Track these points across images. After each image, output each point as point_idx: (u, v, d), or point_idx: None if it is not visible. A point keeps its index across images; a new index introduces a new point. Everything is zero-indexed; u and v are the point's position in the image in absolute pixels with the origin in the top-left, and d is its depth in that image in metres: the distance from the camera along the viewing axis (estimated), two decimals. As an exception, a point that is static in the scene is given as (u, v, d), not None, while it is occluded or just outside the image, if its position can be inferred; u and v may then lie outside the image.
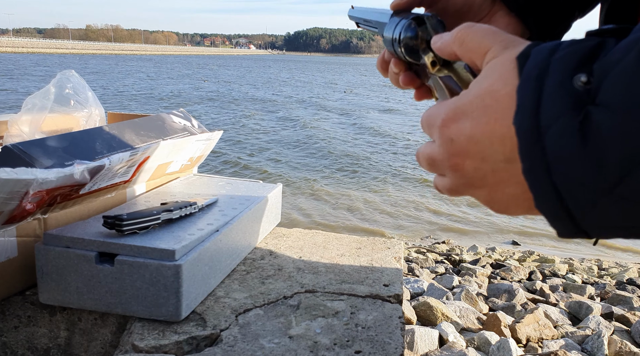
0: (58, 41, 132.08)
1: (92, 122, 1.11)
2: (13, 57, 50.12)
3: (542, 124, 0.27)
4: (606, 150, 0.25)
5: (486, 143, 0.30)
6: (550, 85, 0.27)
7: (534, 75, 0.28)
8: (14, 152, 0.74)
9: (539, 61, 0.28)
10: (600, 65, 0.26)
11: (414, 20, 0.43)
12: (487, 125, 0.30)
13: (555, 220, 0.29)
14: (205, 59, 77.36)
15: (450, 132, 0.32)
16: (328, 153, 9.39)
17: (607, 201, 0.26)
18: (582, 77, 0.26)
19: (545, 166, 0.27)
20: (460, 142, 0.32)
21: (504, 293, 2.27)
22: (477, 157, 0.31)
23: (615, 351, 1.69)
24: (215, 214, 0.92)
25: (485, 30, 0.33)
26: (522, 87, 0.28)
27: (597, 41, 0.27)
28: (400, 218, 5.84)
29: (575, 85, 0.26)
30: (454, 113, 0.32)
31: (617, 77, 0.25)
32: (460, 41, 0.34)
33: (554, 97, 0.27)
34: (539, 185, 0.28)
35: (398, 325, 0.78)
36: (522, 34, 0.51)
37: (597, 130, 0.25)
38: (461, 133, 0.32)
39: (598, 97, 0.25)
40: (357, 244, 1.12)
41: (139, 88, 21.04)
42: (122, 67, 39.26)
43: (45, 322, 0.82)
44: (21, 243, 0.80)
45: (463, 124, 0.31)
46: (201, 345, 0.72)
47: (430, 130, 0.35)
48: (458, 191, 0.35)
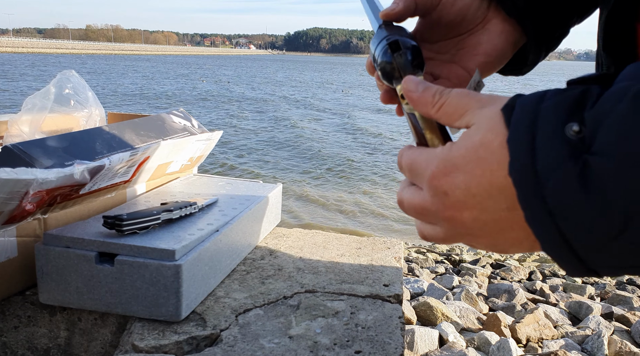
0: (58, 41, 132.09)
1: (92, 122, 1.11)
2: (11, 57, 50.11)
3: (540, 175, 0.27)
4: (609, 197, 0.25)
5: (484, 195, 0.31)
6: (542, 135, 0.28)
7: (523, 126, 0.28)
8: (14, 152, 0.74)
9: (527, 111, 0.29)
10: (593, 115, 0.26)
11: (391, 46, 0.41)
12: (483, 177, 0.30)
13: (564, 262, 0.29)
14: (204, 59, 77.33)
15: (443, 186, 0.32)
16: (318, 153, 9.35)
17: (614, 245, 0.26)
18: (574, 126, 0.27)
19: (547, 213, 0.27)
20: (456, 195, 0.32)
21: (504, 293, 2.27)
22: (476, 208, 0.31)
23: (615, 351, 1.69)
24: (215, 214, 0.92)
25: (461, 93, 0.34)
26: (513, 138, 0.29)
27: (581, 89, 0.28)
28: (396, 220, 5.83)
29: (568, 134, 0.27)
30: (444, 166, 0.32)
31: (612, 126, 0.25)
32: (438, 107, 0.35)
33: (549, 147, 0.27)
34: (544, 231, 0.28)
35: (398, 325, 0.78)
36: (517, 41, 0.51)
37: (598, 179, 0.25)
38: (456, 187, 0.32)
39: (594, 146, 0.26)
40: (357, 244, 1.12)
41: (134, 88, 21.05)
42: (119, 67, 39.26)
43: (45, 322, 0.82)
44: (21, 243, 0.80)
45: (456, 178, 0.31)
46: (201, 345, 0.72)
47: (415, 178, 0.35)
48: (452, 240, 0.35)
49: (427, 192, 0.34)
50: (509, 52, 0.51)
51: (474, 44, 0.50)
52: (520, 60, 0.54)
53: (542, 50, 0.53)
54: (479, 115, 0.32)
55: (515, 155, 0.28)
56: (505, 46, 0.50)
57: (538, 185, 0.27)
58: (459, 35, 0.51)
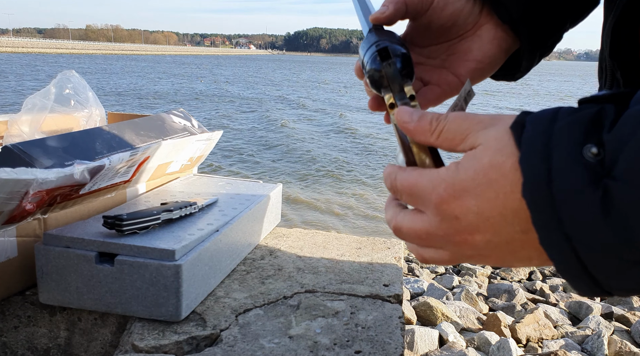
0: (58, 41, 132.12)
1: (92, 122, 1.11)
2: (9, 57, 50.15)
3: (557, 198, 0.26)
4: (631, 224, 0.25)
5: (497, 218, 0.30)
6: (559, 157, 0.27)
7: (537, 146, 0.28)
8: (14, 152, 0.74)
9: (540, 131, 0.28)
10: (612, 138, 0.26)
11: (380, 53, 0.40)
12: (497, 200, 0.30)
13: (578, 284, 0.29)
14: (202, 59, 77.38)
15: (455, 210, 0.31)
16: (306, 153, 9.32)
17: (634, 271, 0.26)
18: (592, 148, 0.26)
19: (565, 237, 0.27)
20: (468, 219, 0.31)
21: (504, 293, 2.27)
22: (489, 231, 0.31)
23: (615, 351, 1.69)
24: (215, 214, 0.92)
25: (458, 116, 0.33)
26: (527, 159, 0.28)
27: (596, 109, 0.27)
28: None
29: (587, 156, 0.26)
30: (452, 190, 0.31)
31: (634, 152, 0.25)
32: (437, 134, 0.33)
33: (567, 171, 0.26)
34: (560, 255, 0.28)
35: (398, 325, 0.78)
36: (510, 47, 0.50)
37: (620, 205, 0.25)
38: (468, 211, 0.31)
39: (615, 170, 0.25)
40: (357, 244, 1.12)
41: (128, 88, 21.07)
42: (114, 66, 39.31)
43: (45, 322, 0.82)
44: (21, 243, 0.80)
45: (467, 202, 0.31)
46: (201, 345, 0.72)
47: (417, 202, 0.34)
48: (458, 261, 0.34)
49: (434, 216, 0.32)
50: (501, 58, 0.50)
51: (465, 49, 0.49)
52: (513, 66, 0.53)
53: (536, 56, 0.52)
54: (483, 135, 0.31)
55: (529, 177, 0.27)
56: (497, 52, 0.49)
57: (554, 209, 0.27)
58: (450, 40, 0.50)
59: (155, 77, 28.36)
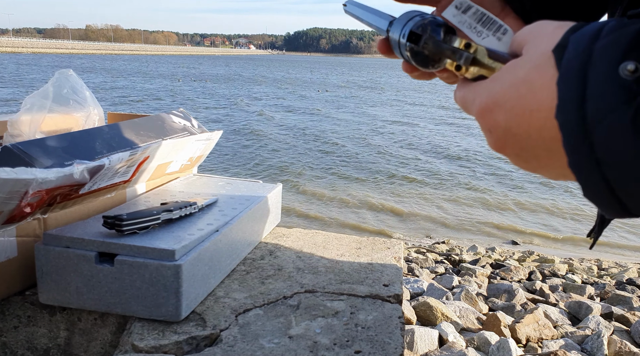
0: (58, 41, 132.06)
1: (91, 121, 1.11)
2: (8, 57, 50.14)
3: (589, 120, 0.26)
4: None
5: (523, 135, 0.30)
6: (595, 78, 0.26)
7: (575, 67, 0.27)
8: (14, 152, 0.74)
9: (580, 51, 0.27)
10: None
11: (410, 38, 0.39)
12: (522, 118, 0.30)
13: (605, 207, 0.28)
14: (201, 59, 77.29)
15: (487, 123, 0.33)
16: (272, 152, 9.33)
17: None
18: (629, 65, 0.25)
19: (594, 161, 0.26)
20: (498, 134, 0.32)
21: (504, 293, 2.27)
22: (515, 147, 0.32)
23: (615, 351, 1.69)
24: (215, 214, 0.92)
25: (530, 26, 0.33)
26: (564, 79, 0.27)
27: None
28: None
29: (622, 74, 0.25)
30: (486, 103, 0.32)
31: None
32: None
33: (601, 91, 0.25)
34: (589, 178, 0.27)
35: (398, 325, 0.78)
36: None
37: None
38: (497, 126, 0.32)
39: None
40: (357, 244, 1.12)
41: (97, 86, 21.16)
42: (103, 65, 39.34)
43: (45, 322, 0.82)
44: (21, 243, 0.80)
45: (498, 116, 0.31)
46: (201, 345, 0.72)
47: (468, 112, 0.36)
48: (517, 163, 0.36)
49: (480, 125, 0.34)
50: None
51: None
52: None
53: None
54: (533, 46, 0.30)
55: (563, 98, 0.27)
56: None
57: (587, 132, 0.26)
58: None
59: (139, 78, 28.42)
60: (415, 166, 8.67)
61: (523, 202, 6.82)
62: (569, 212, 6.51)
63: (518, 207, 6.60)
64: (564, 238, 5.57)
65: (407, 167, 8.59)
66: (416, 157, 9.33)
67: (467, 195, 7.03)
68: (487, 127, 0.33)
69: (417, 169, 8.46)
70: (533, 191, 7.35)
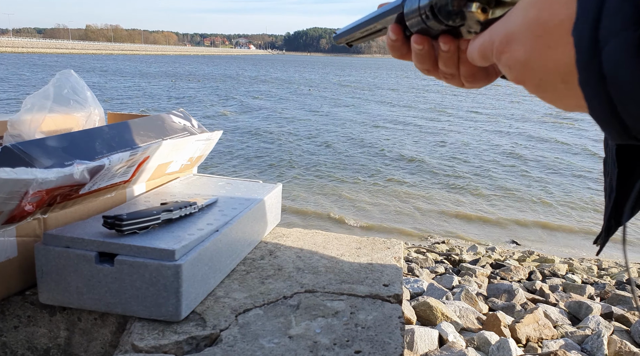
0: (58, 41, 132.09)
1: (91, 122, 1.11)
2: (8, 57, 50.21)
3: (600, 38, 0.26)
4: None
5: (541, 70, 0.31)
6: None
7: None
8: (14, 152, 0.74)
9: None
10: None
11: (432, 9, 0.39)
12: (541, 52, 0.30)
13: (608, 127, 0.29)
14: (200, 59, 77.28)
15: (507, 61, 0.33)
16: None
17: None
18: None
19: (600, 78, 0.27)
20: (517, 70, 0.33)
21: (504, 293, 2.27)
22: (533, 82, 0.32)
23: (614, 351, 1.69)
24: (215, 214, 0.92)
25: None
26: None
27: None
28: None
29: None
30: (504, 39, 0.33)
31: None
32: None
33: (616, 9, 0.26)
34: (594, 96, 0.28)
35: (398, 325, 0.78)
36: None
37: None
38: (516, 61, 0.32)
39: None
40: (357, 244, 1.12)
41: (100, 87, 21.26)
42: (99, 65, 39.40)
43: (45, 322, 0.82)
44: (21, 243, 0.80)
45: (516, 50, 0.32)
46: (201, 345, 0.72)
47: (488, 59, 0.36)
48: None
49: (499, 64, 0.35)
50: None
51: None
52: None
53: None
54: None
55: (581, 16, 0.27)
56: None
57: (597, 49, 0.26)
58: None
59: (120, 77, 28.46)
60: (418, 166, 8.68)
61: (523, 201, 6.83)
62: (569, 211, 6.52)
63: (518, 207, 6.60)
64: (563, 238, 5.58)
65: (409, 167, 8.59)
66: (419, 158, 9.35)
67: (467, 195, 7.04)
68: (507, 64, 0.33)
69: (418, 169, 8.47)
70: (533, 191, 7.36)
